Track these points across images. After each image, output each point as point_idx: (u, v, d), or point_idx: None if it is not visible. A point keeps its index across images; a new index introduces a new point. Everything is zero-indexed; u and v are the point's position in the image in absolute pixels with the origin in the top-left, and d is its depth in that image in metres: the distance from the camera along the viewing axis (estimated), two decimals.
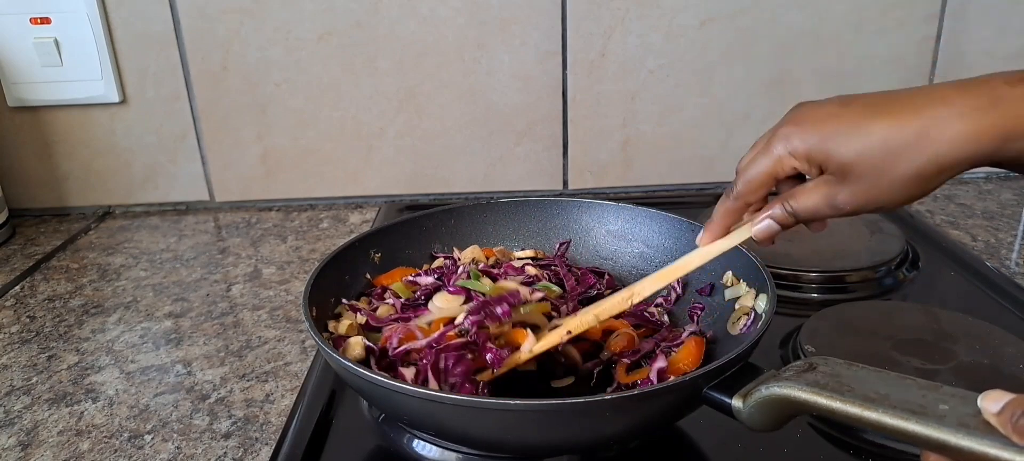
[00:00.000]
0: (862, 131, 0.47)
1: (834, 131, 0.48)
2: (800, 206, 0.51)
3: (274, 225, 1.05)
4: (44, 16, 0.99)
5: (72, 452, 0.61)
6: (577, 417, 0.49)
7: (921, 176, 0.46)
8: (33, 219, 1.10)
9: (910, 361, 0.64)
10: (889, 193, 0.47)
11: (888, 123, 0.46)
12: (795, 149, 0.49)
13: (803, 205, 0.51)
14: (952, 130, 0.44)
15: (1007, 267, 0.87)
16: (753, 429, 0.48)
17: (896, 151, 0.46)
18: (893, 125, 0.46)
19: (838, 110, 0.48)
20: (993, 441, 0.37)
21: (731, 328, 0.63)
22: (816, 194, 0.50)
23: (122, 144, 1.07)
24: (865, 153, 0.46)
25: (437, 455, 0.58)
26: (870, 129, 0.46)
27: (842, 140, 0.47)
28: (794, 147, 0.49)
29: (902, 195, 0.47)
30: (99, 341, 0.77)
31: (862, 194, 0.48)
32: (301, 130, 1.07)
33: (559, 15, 1.02)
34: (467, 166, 1.10)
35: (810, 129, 0.49)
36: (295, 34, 1.02)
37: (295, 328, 0.78)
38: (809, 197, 0.50)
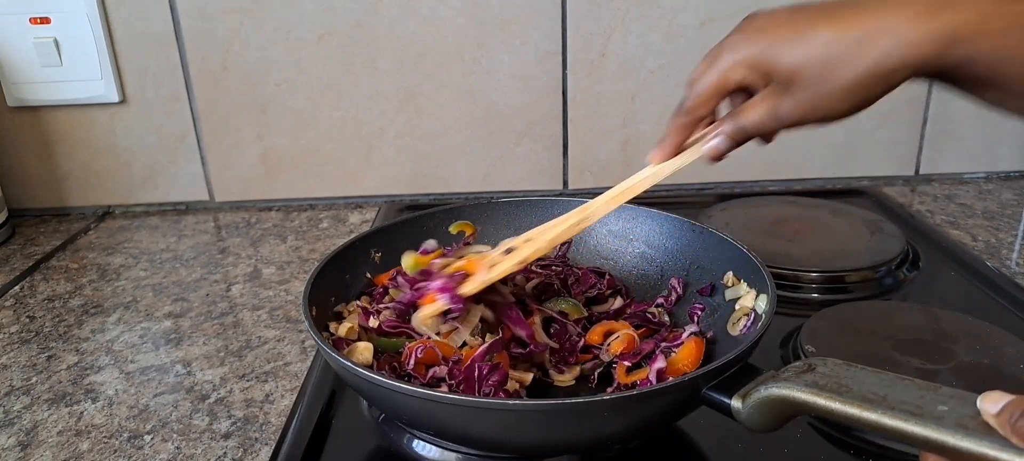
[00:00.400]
0: (806, 38, 0.46)
1: (779, 38, 0.47)
2: (747, 121, 0.51)
3: (274, 225, 1.05)
4: (44, 16, 0.99)
5: (72, 452, 0.61)
6: (576, 417, 0.49)
7: (863, 83, 0.45)
8: (33, 219, 1.10)
9: (910, 361, 0.64)
10: (831, 102, 0.47)
11: (832, 28, 0.45)
12: (740, 58, 0.49)
13: (749, 119, 0.50)
14: (894, 34, 0.43)
15: (1007, 267, 0.87)
16: (752, 430, 0.48)
17: (838, 57, 0.45)
18: (836, 31, 0.45)
19: (785, 18, 0.48)
20: (992, 442, 0.37)
21: (731, 328, 0.63)
22: (761, 107, 0.49)
23: (122, 144, 1.07)
24: (808, 60, 0.46)
25: (437, 455, 0.58)
26: (814, 35, 0.46)
27: (786, 47, 0.47)
28: (740, 56, 0.49)
29: (845, 104, 0.47)
30: (99, 341, 0.77)
31: (805, 103, 0.47)
32: (301, 130, 1.07)
33: (559, 15, 1.02)
34: (467, 166, 1.10)
35: (756, 37, 0.48)
36: (295, 34, 1.02)
37: (295, 328, 0.78)
38: (755, 111, 0.50)
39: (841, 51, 0.45)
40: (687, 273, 0.72)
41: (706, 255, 0.71)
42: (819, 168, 1.12)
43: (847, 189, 1.10)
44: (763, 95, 0.49)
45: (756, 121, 0.50)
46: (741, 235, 0.70)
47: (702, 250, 0.71)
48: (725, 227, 0.90)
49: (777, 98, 0.48)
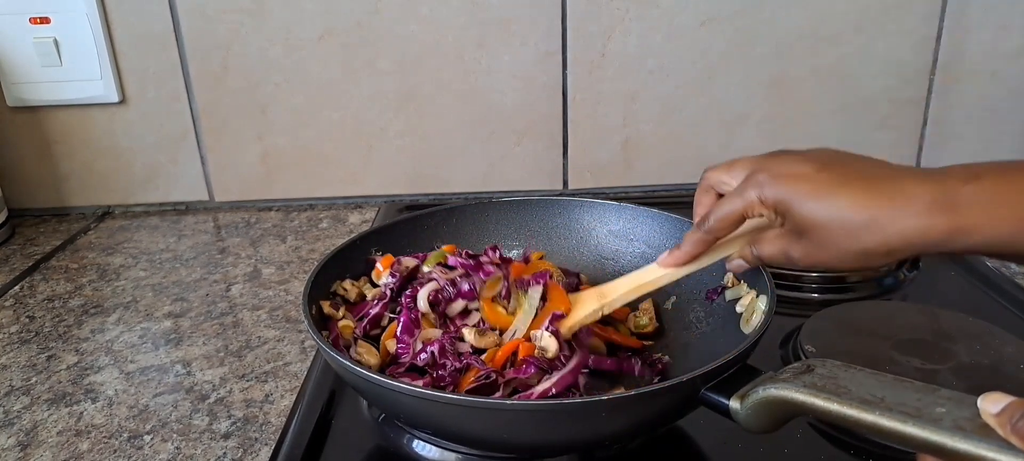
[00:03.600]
0: (825, 201, 0.50)
1: (802, 192, 0.51)
2: (762, 252, 0.57)
3: (274, 225, 1.05)
4: (44, 16, 0.99)
5: (71, 452, 0.61)
6: (575, 417, 0.49)
7: (869, 255, 0.50)
8: (33, 219, 1.10)
9: (910, 361, 0.64)
10: (837, 261, 0.51)
11: (850, 201, 0.49)
12: (765, 197, 0.53)
13: (764, 252, 0.56)
14: (904, 223, 0.48)
15: (1008, 267, 0.87)
16: (751, 431, 0.48)
17: (850, 229, 0.49)
18: (853, 205, 0.49)
19: (813, 172, 0.52)
20: (989, 444, 0.37)
21: (744, 326, 0.62)
22: (776, 245, 0.55)
23: (122, 144, 1.07)
24: (823, 222, 0.50)
25: (437, 455, 0.58)
26: (832, 202, 0.50)
27: (806, 203, 0.51)
28: (765, 196, 0.53)
29: (849, 265, 0.51)
30: (98, 341, 0.77)
31: (813, 255, 0.52)
32: (301, 130, 1.07)
33: (559, 15, 1.02)
34: (467, 166, 1.10)
35: (783, 183, 0.52)
36: (295, 34, 1.02)
37: (295, 328, 0.78)
38: (770, 246, 0.56)
39: (854, 224, 0.49)
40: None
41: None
42: None
43: None
44: (779, 234, 0.55)
45: (769, 256, 0.56)
46: None
47: None
48: None
49: (791, 242, 0.53)
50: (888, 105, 1.08)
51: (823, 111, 1.07)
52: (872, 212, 0.49)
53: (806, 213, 0.51)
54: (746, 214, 0.55)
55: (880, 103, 1.08)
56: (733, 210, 0.55)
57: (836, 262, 0.51)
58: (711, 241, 0.58)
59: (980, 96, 1.07)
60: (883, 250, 0.49)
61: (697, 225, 0.59)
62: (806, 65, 1.04)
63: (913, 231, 0.48)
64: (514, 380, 0.57)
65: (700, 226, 0.58)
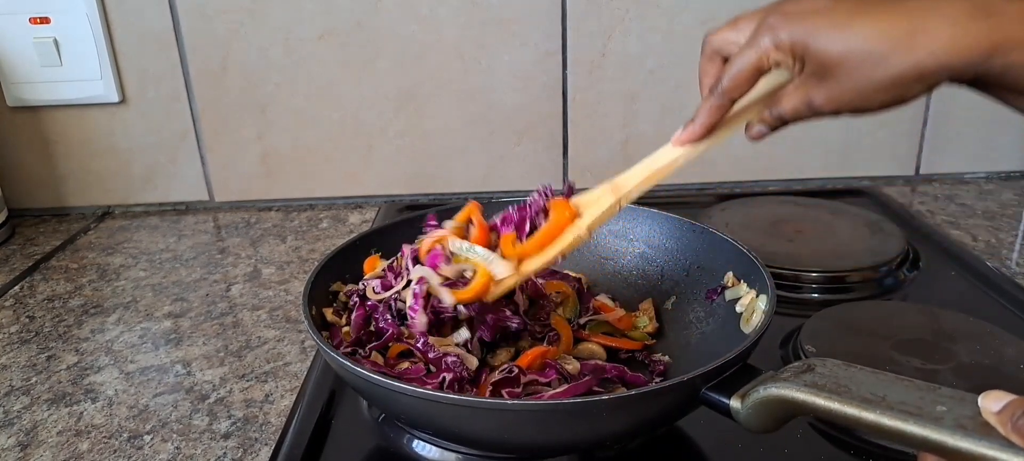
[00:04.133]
0: (847, 29, 0.45)
1: (820, 26, 0.46)
2: (783, 108, 0.50)
3: (274, 225, 1.05)
4: (43, 16, 0.99)
5: (71, 452, 0.61)
6: (574, 417, 0.49)
7: (901, 82, 0.45)
8: (33, 219, 1.10)
9: (910, 361, 0.64)
10: (866, 96, 0.46)
11: (875, 24, 0.45)
12: (780, 41, 0.48)
13: (785, 107, 0.50)
14: (938, 38, 0.43)
15: (1008, 267, 0.87)
16: (751, 430, 0.48)
17: (878, 54, 0.44)
18: (879, 26, 0.44)
19: (826, 5, 0.47)
20: (990, 442, 0.37)
21: (744, 326, 0.62)
22: (796, 95, 0.49)
23: (122, 144, 1.07)
24: (847, 53, 0.45)
25: (437, 455, 0.58)
26: (856, 28, 0.45)
27: (826, 37, 0.46)
28: (780, 39, 0.48)
29: (880, 100, 0.46)
30: (98, 341, 0.77)
31: (839, 95, 0.47)
32: (301, 130, 1.07)
33: (559, 15, 1.02)
34: (467, 166, 1.10)
35: (797, 21, 0.47)
36: (295, 34, 1.02)
37: (295, 328, 0.78)
38: (790, 99, 0.50)
39: (882, 48, 0.44)
40: (687, 273, 0.72)
41: (706, 255, 0.70)
42: (819, 168, 1.12)
43: (847, 189, 1.10)
44: (797, 84, 0.49)
45: (792, 109, 0.50)
46: (741, 235, 0.70)
47: (702, 250, 0.71)
48: (725, 227, 0.90)
49: (813, 87, 0.48)
50: None
51: None
52: (903, 30, 0.44)
53: (827, 47, 0.46)
54: (761, 65, 0.49)
55: None
56: (747, 62, 0.50)
57: (865, 98, 0.46)
58: (727, 105, 0.53)
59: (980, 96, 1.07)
60: (915, 74, 0.44)
61: (710, 91, 0.53)
62: None
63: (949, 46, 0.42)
64: (534, 382, 0.57)
65: (713, 91, 0.53)
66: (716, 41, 0.55)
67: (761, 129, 0.53)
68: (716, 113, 0.53)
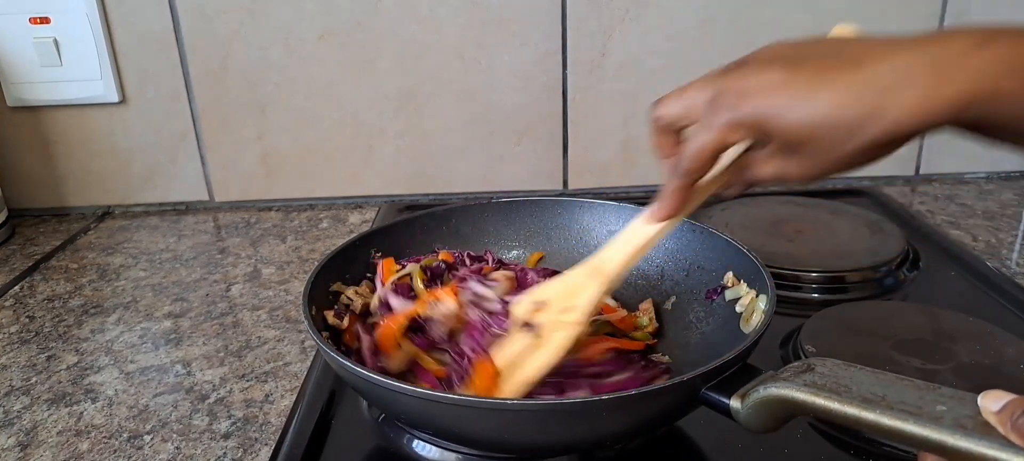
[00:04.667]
0: (811, 105, 0.43)
1: (781, 103, 0.44)
2: (755, 177, 0.51)
3: (274, 225, 1.05)
4: (43, 16, 0.99)
5: (71, 452, 0.61)
6: (574, 417, 0.49)
7: (875, 147, 0.43)
8: (33, 219, 1.10)
9: (910, 361, 0.64)
10: (840, 165, 0.45)
11: (839, 96, 0.43)
12: (739, 121, 0.46)
13: (758, 176, 0.51)
14: (907, 104, 0.41)
15: (1008, 267, 0.87)
16: (751, 430, 0.48)
17: (848, 127, 0.43)
18: (845, 99, 0.43)
19: (785, 77, 0.45)
20: (990, 442, 0.37)
21: (744, 326, 0.62)
22: (767, 166, 0.49)
23: (121, 144, 1.07)
24: (815, 130, 0.44)
25: (437, 455, 0.58)
26: (820, 104, 0.43)
27: (789, 114, 0.44)
28: (738, 119, 0.46)
29: (855, 163, 0.45)
30: (98, 341, 0.77)
31: (813, 168, 0.46)
32: (301, 130, 1.07)
33: (559, 15, 1.02)
34: (467, 166, 1.10)
35: (755, 99, 0.45)
36: (295, 34, 1.02)
37: (295, 328, 0.78)
38: (761, 169, 0.50)
39: (851, 120, 0.42)
40: (687, 273, 0.72)
41: (706, 255, 0.70)
42: None
43: (847, 189, 1.10)
44: (768, 154, 0.48)
45: (764, 178, 0.50)
46: (741, 235, 0.70)
47: (702, 250, 0.71)
48: (725, 227, 0.90)
49: (783, 161, 0.47)
50: None
51: None
52: (867, 101, 0.42)
53: (792, 125, 0.44)
54: (721, 146, 0.48)
55: None
56: (705, 145, 0.48)
57: (840, 167, 0.45)
58: (690, 185, 0.51)
59: None
60: (887, 139, 0.42)
61: (671, 171, 0.52)
62: None
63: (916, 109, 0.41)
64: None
65: (674, 172, 0.51)
66: (666, 117, 0.52)
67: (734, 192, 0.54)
68: (681, 194, 0.52)
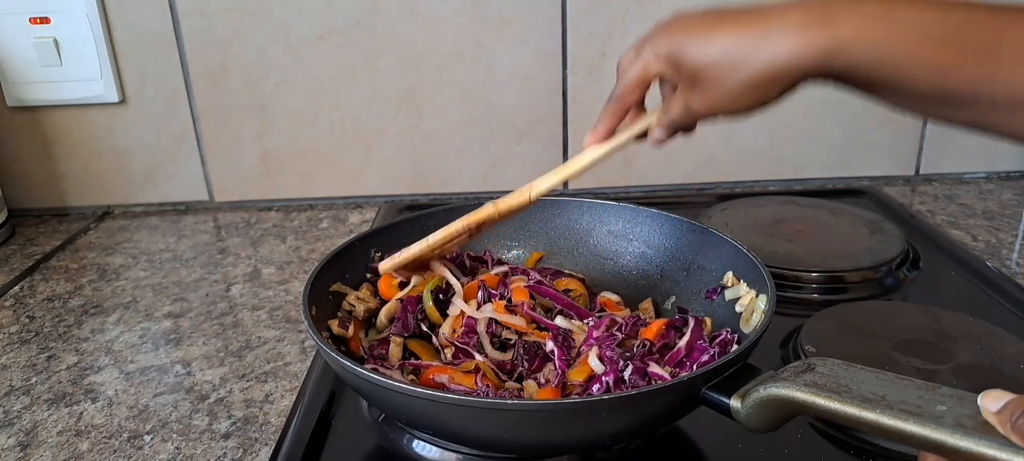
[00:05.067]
0: (708, 40, 0.51)
1: (688, 38, 0.52)
2: (670, 115, 0.56)
3: (274, 225, 1.05)
4: (43, 16, 0.99)
5: (71, 452, 0.61)
6: (575, 417, 0.49)
7: (756, 84, 0.49)
8: (33, 219, 1.10)
9: (910, 361, 0.64)
10: (731, 99, 0.51)
11: (730, 33, 0.50)
12: (657, 53, 0.54)
13: (672, 113, 0.55)
14: (784, 44, 0.47)
15: (1008, 267, 0.87)
16: (751, 430, 0.48)
17: (733, 61, 0.49)
18: (733, 36, 0.49)
19: (697, 20, 0.52)
20: (990, 442, 0.37)
21: (743, 326, 0.62)
22: (678, 102, 0.54)
23: (121, 144, 1.07)
24: (710, 61, 0.50)
25: (437, 455, 0.58)
26: (715, 38, 0.50)
27: (693, 47, 0.51)
28: (657, 51, 0.54)
29: (744, 101, 0.51)
30: (98, 341, 0.77)
31: (709, 99, 0.52)
32: (301, 130, 1.07)
33: (559, 15, 1.02)
34: (467, 166, 1.10)
35: (671, 35, 0.53)
36: (295, 34, 1.02)
37: (295, 328, 0.78)
38: (673, 106, 0.55)
39: (735, 55, 0.49)
40: (687, 273, 0.72)
41: (706, 255, 0.70)
42: (819, 168, 1.12)
43: (847, 189, 1.10)
44: (678, 92, 0.54)
45: (676, 115, 0.55)
46: (741, 235, 0.70)
47: (702, 250, 0.71)
48: (725, 227, 0.90)
49: (688, 94, 0.53)
50: None
51: (823, 110, 1.07)
52: (750, 38, 0.49)
53: (693, 57, 0.51)
54: (646, 73, 0.55)
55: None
56: (633, 74, 0.56)
57: (729, 102, 0.51)
58: (621, 110, 0.58)
59: None
60: (768, 76, 0.48)
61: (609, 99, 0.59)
62: None
63: (791, 52, 0.47)
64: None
65: (610, 98, 0.59)
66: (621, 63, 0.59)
67: (658, 135, 0.58)
68: (612, 118, 0.59)
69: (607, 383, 0.57)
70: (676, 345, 0.62)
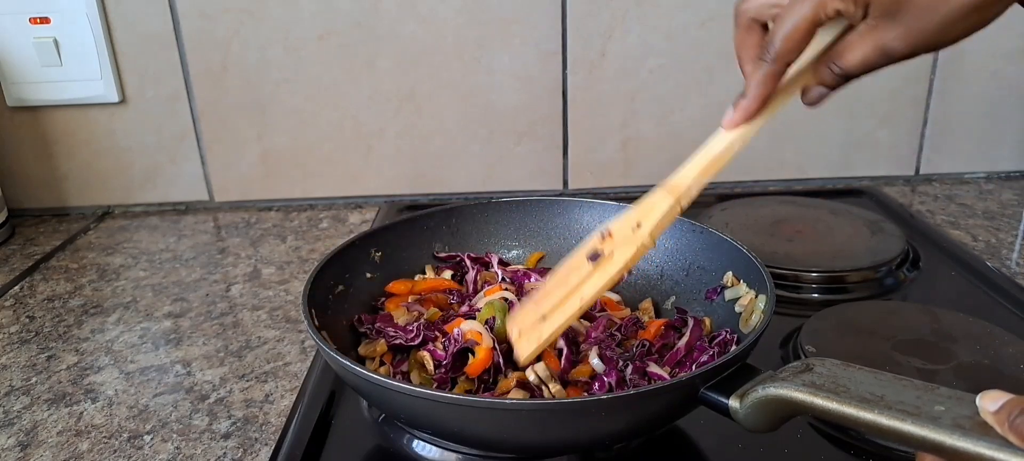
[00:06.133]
0: None
1: None
2: (849, 62, 0.45)
3: (274, 225, 1.05)
4: (44, 16, 0.99)
5: (71, 452, 0.61)
6: (573, 416, 0.49)
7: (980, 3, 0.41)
8: (33, 219, 1.10)
9: (910, 361, 0.64)
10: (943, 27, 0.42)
11: None
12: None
13: (851, 60, 0.45)
14: None
15: (1008, 267, 0.87)
16: (750, 430, 0.48)
17: None
18: None
19: None
20: (989, 442, 0.37)
21: (743, 326, 0.62)
22: (865, 43, 0.44)
23: (122, 144, 1.07)
24: None
25: (437, 455, 0.58)
26: None
27: None
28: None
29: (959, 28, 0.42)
30: (98, 341, 0.77)
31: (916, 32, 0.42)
32: (301, 130, 1.07)
33: (559, 15, 1.02)
34: (467, 166, 1.10)
35: None
36: (295, 34, 1.02)
37: (295, 328, 0.78)
38: (857, 49, 0.44)
39: None
40: (687, 273, 0.72)
41: (706, 255, 0.70)
42: (819, 168, 1.12)
43: (847, 189, 1.10)
44: (863, 30, 0.44)
45: (861, 60, 0.44)
46: (741, 235, 0.70)
47: (702, 250, 0.71)
48: (725, 227, 0.90)
49: (882, 30, 0.43)
50: (889, 104, 1.08)
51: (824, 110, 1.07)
52: None
53: None
54: (818, 16, 0.44)
55: (881, 102, 1.08)
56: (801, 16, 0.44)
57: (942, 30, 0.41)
58: (780, 71, 0.47)
59: (980, 96, 1.07)
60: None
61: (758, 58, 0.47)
62: None
63: None
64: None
65: (763, 57, 0.46)
66: (751, 9, 0.48)
67: (821, 91, 0.47)
68: (770, 81, 0.47)
69: (609, 383, 0.58)
70: (675, 345, 0.62)
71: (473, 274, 0.75)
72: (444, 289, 0.72)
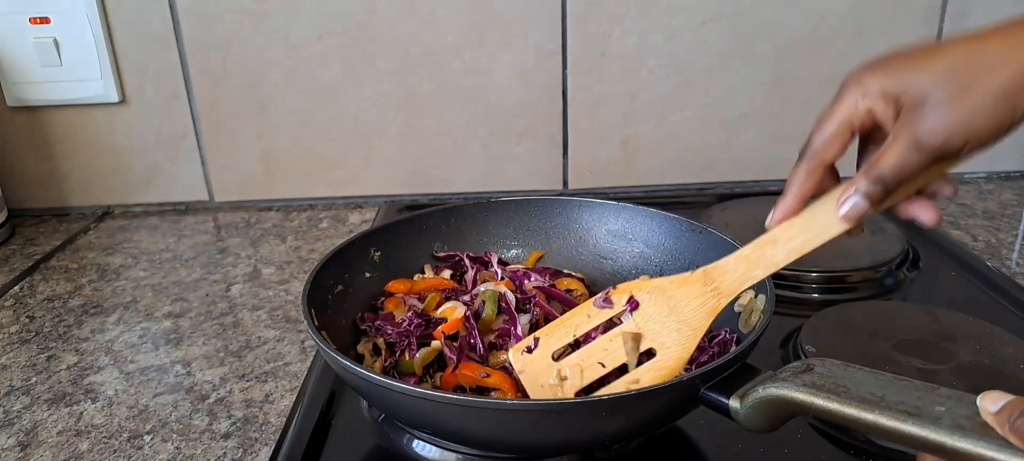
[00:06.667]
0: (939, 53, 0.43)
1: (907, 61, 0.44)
2: (886, 167, 0.44)
3: (274, 225, 1.05)
4: (43, 16, 0.99)
5: (71, 452, 0.61)
6: (573, 416, 0.49)
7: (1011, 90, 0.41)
8: (33, 219, 1.10)
9: (910, 361, 0.64)
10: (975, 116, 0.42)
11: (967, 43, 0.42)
12: (868, 87, 0.45)
13: (888, 164, 0.44)
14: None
15: (1008, 267, 0.87)
16: (750, 430, 0.48)
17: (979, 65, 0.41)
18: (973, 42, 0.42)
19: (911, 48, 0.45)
20: (988, 443, 0.37)
21: (743, 326, 0.62)
22: (898, 143, 0.44)
23: (122, 144, 1.07)
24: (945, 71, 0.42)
25: (437, 455, 0.58)
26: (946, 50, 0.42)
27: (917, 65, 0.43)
28: (867, 86, 0.45)
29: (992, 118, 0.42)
30: (98, 341, 0.77)
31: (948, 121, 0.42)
32: (301, 130, 1.07)
33: (559, 15, 1.02)
34: (467, 166, 1.10)
35: (882, 65, 0.45)
36: (295, 34, 1.02)
37: (295, 328, 0.78)
38: (892, 151, 0.44)
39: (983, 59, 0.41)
40: None
41: (706, 255, 0.70)
42: None
43: None
44: (896, 130, 0.44)
45: (897, 162, 0.44)
46: (741, 235, 0.70)
47: (702, 250, 0.71)
48: (725, 227, 0.89)
49: (914, 125, 0.43)
50: None
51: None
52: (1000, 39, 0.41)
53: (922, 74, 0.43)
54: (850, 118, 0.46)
55: None
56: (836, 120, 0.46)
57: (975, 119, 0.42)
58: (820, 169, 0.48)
59: None
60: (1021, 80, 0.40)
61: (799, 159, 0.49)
62: (806, 65, 1.04)
63: None
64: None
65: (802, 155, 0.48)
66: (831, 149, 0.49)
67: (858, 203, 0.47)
68: (808, 180, 0.49)
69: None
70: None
71: (472, 273, 0.75)
72: (443, 288, 0.72)
